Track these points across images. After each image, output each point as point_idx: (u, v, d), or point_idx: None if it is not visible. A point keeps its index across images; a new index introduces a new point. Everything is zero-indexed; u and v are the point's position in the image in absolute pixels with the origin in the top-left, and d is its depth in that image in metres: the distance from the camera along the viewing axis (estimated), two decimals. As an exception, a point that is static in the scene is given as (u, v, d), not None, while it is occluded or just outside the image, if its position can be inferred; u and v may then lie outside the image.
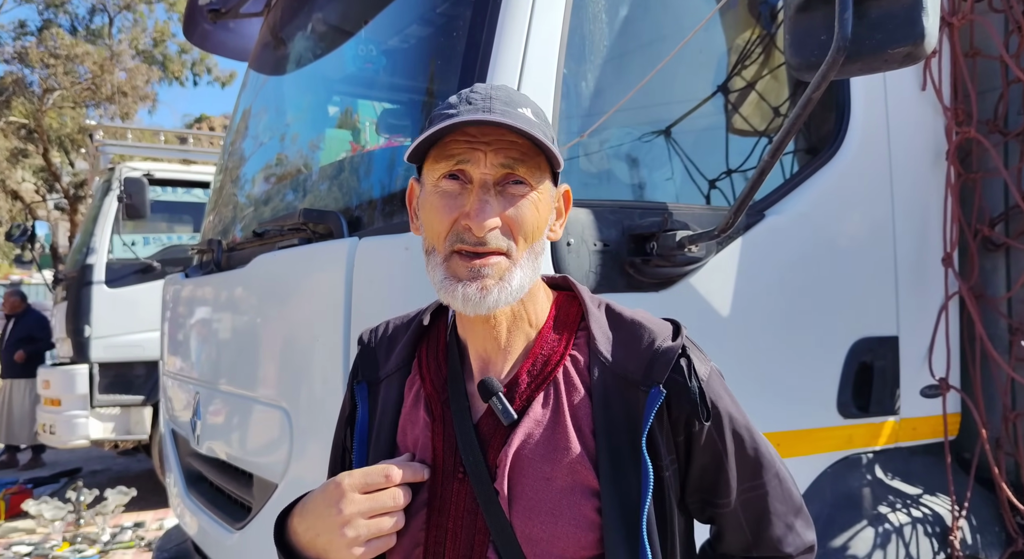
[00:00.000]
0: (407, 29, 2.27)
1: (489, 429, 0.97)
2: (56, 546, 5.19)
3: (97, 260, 6.44)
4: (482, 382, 0.96)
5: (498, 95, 0.94)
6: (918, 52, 1.33)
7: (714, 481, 1.00)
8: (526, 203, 0.92)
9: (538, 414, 0.96)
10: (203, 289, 2.59)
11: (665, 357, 0.95)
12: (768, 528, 1.04)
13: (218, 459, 2.35)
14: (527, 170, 0.92)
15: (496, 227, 0.91)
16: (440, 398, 1.01)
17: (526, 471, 0.94)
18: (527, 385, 0.97)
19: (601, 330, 0.99)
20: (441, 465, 0.98)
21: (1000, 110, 2.22)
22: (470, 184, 0.92)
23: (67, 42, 16.38)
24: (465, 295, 0.90)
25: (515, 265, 0.92)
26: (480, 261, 0.91)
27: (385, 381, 1.06)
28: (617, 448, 0.93)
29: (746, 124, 2.07)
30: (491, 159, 0.91)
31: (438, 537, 0.96)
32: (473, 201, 0.91)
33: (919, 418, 2.17)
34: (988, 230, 2.21)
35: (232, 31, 3.17)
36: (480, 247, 0.91)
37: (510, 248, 0.92)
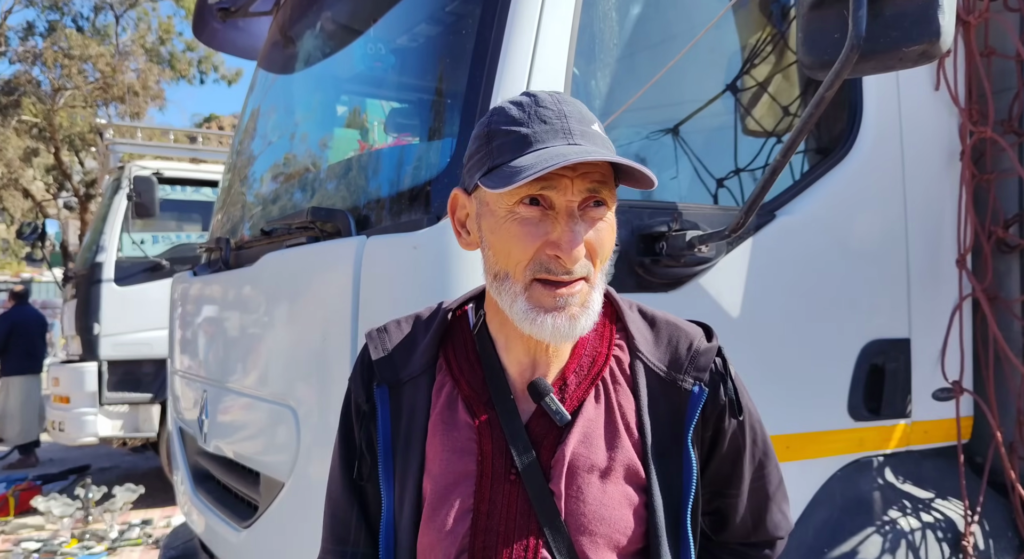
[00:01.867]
0: (416, 28, 2.26)
1: (540, 430, 0.97)
2: (65, 543, 5.21)
3: (107, 258, 6.47)
4: (532, 384, 0.96)
5: (571, 112, 0.91)
6: (933, 50, 1.31)
7: (729, 473, 1.05)
8: (605, 227, 0.92)
9: (591, 414, 0.97)
10: (211, 287, 2.60)
11: (705, 357, 1.00)
12: (767, 514, 1.11)
13: (225, 457, 2.35)
14: (608, 192, 0.91)
15: (584, 255, 0.90)
16: (481, 399, 0.99)
17: (582, 471, 0.95)
18: (576, 385, 0.98)
19: (639, 331, 1.02)
20: (491, 468, 0.96)
21: (1015, 110, 2.19)
22: (551, 210, 0.89)
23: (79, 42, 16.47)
24: (555, 326, 0.89)
25: (593, 289, 0.92)
26: (566, 290, 0.89)
27: (409, 383, 1.02)
28: (662, 444, 0.97)
29: (757, 124, 2.06)
30: (577, 185, 0.88)
31: (488, 541, 0.94)
32: (563, 230, 0.88)
33: (931, 421, 2.14)
34: (1002, 232, 2.19)
35: (241, 30, 3.17)
36: (566, 276, 0.89)
37: (590, 272, 0.91)
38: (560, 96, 0.94)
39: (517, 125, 0.90)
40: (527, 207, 0.89)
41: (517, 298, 0.91)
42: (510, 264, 0.91)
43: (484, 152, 0.92)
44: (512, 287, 0.91)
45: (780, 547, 1.15)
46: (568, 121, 0.90)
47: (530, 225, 0.89)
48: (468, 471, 0.96)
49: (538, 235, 0.89)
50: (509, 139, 0.89)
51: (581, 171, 0.88)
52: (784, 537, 1.13)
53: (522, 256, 0.90)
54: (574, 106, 0.93)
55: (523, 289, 0.91)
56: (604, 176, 0.90)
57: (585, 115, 0.93)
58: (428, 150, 1.91)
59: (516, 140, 0.89)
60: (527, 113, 0.90)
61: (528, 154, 0.87)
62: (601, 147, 0.90)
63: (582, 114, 0.92)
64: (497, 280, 0.93)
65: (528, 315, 0.90)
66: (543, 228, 0.89)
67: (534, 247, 0.89)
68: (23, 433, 8.07)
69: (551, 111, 0.90)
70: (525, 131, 0.89)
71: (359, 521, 1.06)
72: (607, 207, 0.92)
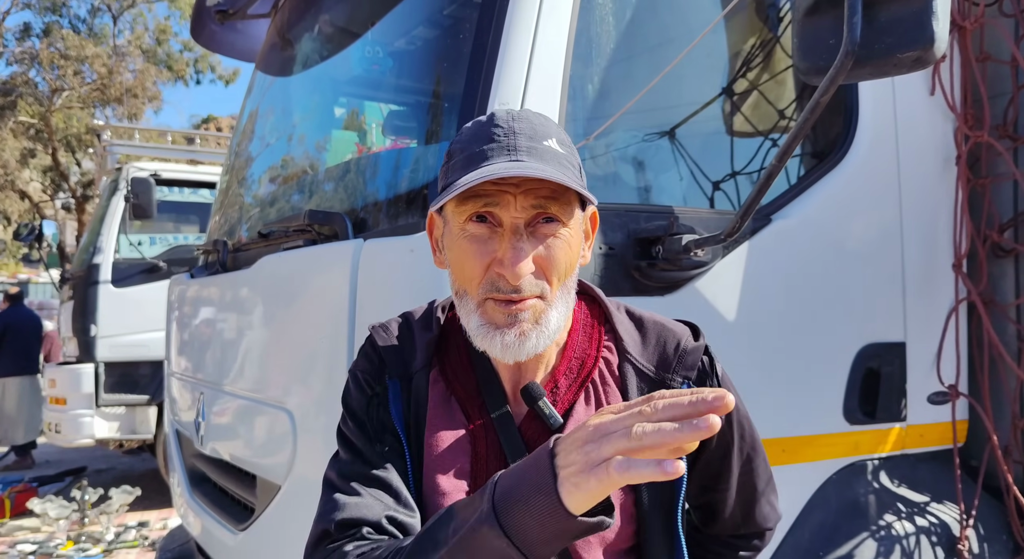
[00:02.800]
0: (414, 31, 2.27)
1: (533, 433, 0.98)
2: (60, 545, 5.20)
3: (104, 260, 6.47)
4: (525, 388, 0.97)
5: (521, 128, 0.91)
6: (928, 57, 1.32)
7: (718, 469, 1.06)
8: (558, 243, 0.91)
9: (582, 415, 0.98)
10: (208, 290, 2.60)
11: (692, 356, 1.01)
12: (755, 507, 1.12)
13: (222, 460, 2.35)
14: (559, 207, 0.90)
15: (530, 272, 0.89)
16: (475, 403, 1.01)
17: None
18: (567, 388, 0.99)
19: (627, 332, 1.03)
20: (485, 470, 0.97)
21: (1010, 115, 2.20)
22: (500, 228, 0.90)
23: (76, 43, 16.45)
24: (504, 343, 0.90)
25: (550, 306, 0.92)
26: (516, 307, 0.90)
27: (415, 377, 1.04)
28: None
29: (753, 128, 2.06)
30: (521, 202, 0.89)
31: None
32: (506, 248, 0.89)
33: (926, 425, 2.15)
34: (997, 236, 2.20)
35: (239, 32, 3.17)
36: (515, 294, 0.89)
37: (544, 290, 0.91)
38: (518, 113, 0.94)
39: (469, 143, 0.92)
40: (475, 224, 0.91)
41: (472, 315, 0.93)
42: (465, 281, 0.93)
43: (444, 171, 0.95)
44: (468, 304, 0.93)
45: (769, 537, 1.17)
46: (516, 138, 0.90)
47: (479, 243, 0.90)
48: (463, 470, 0.98)
49: (487, 253, 0.90)
50: (461, 157, 0.91)
51: (525, 188, 0.88)
52: (773, 528, 1.16)
53: (473, 274, 0.91)
54: (527, 123, 0.93)
55: (476, 306, 0.92)
56: (553, 192, 0.90)
57: (539, 131, 0.92)
58: (425, 153, 1.91)
59: (466, 158, 0.90)
60: (481, 132, 0.92)
61: (471, 172, 0.88)
62: (551, 163, 0.89)
63: (535, 130, 0.92)
64: (457, 297, 0.96)
65: (480, 331, 0.92)
66: (491, 246, 0.90)
67: (483, 264, 0.90)
68: (19, 434, 8.05)
69: (502, 129, 0.91)
70: (475, 149, 0.90)
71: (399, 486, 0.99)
72: (560, 223, 0.91)
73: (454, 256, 0.94)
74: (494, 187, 0.88)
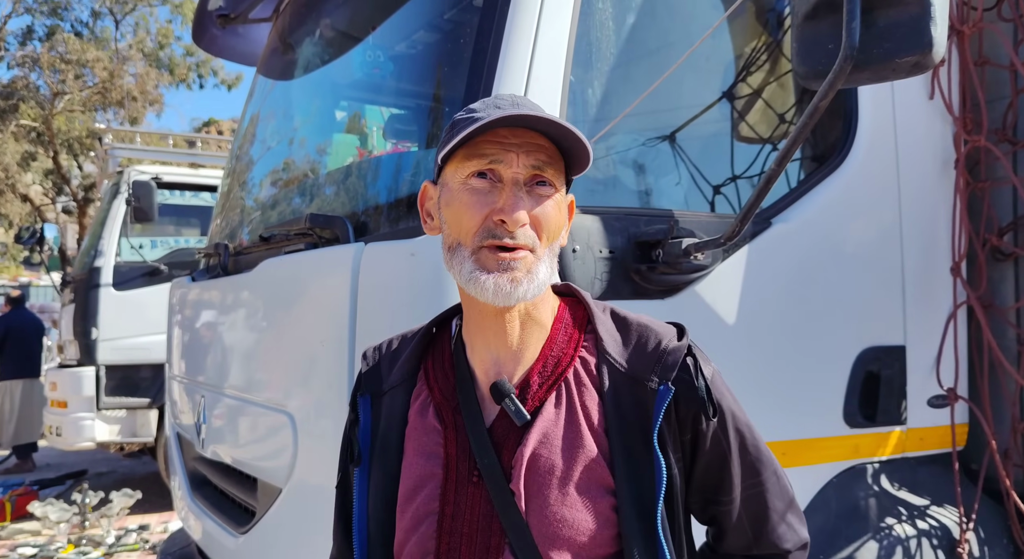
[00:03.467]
0: (415, 35, 2.28)
1: (503, 431, 0.98)
2: (61, 548, 5.20)
3: (105, 263, 6.47)
4: (494, 384, 0.98)
5: (524, 102, 0.98)
6: (926, 61, 1.33)
7: (718, 479, 1.03)
8: (551, 203, 0.97)
9: (551, 414, 0.98)
10: (209, 293, 2.60)
11: (673, 356, 0.99)
12: (767, 525, 1.06)
13: (223, 463, 2.35)
14: (553, 172, 0.97)
15: (526, 223, 0.94)
16: (450, 405, 1.02)
17: (541, 471, 0.95)
18: (539, 386, 0.99)
19: (608, 332, 1.03)
20: (455, 470, 0.99)
21: (1009, 119, 2.21)
22: (500, 183, 0.95)
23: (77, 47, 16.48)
24: (497, 285, 0.93)
25: (539, 261, 0.96)
26: (510, 255, 0.94)
27: (389, 393, 1.07)
28: (630, 446, 0.96)
29: (753, 132, 2.07)
30: (523, 160, 0.95)
31: (452, 543, 0.96)
32: (507, 197, 0.94)
33: (926, 428, 2.15)
34: (997, 240, 2.20)
35: (241, 36, 3.18)
36: (511, 241, 0.94)
37: (535, 244, 0.95)
38: (523, 97, 1.02)
39: (474, 112, 0.97)
40: (477, 179, 0.96)
41: (465, 262, 0.96)
42: (461, 232, 0.96)
43: (446, 139, 0.99)
44: (462, 252, 0.96)
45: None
46: (519, 107, 0.96)
47: (480, 194, 0.95)
48: (434, 473, 0.99)
49: (486, 204, 0.95)
50: (464, 122, 0.96)
51: (527, 149, 0.95)
52: (793, 550, 1.07)
53: (471, 224, 0.95)
54: (531, 101, 1.00)
55: (471, 253, 0.96)
56: (550, 158, 0.97)
57: (539, 107, 0.98)
58: (426, 157, 1.92)
59: (470, 120, 0.95)
60: (487, 104, 0.98)
61: (479, 124, 0.93)
62: (561, 122, 0.95)
63: (538, 107, 0.98)
64: (451, 252, 0.99)
65: (472, 276, 0.95)
66: (491, 198, 0.95)
67: (482, 214, 0.95)
68: (20, 437, 8.05)
69: (506, 100, 0.98)
70: (479, 115, 0.95)
71: (337, 520, 1.14)
72: (552, 187, 0.97)
73: (452, 211, 0.98)
74: (498, 147, 0.94)
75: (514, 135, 0.95)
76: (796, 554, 1.09)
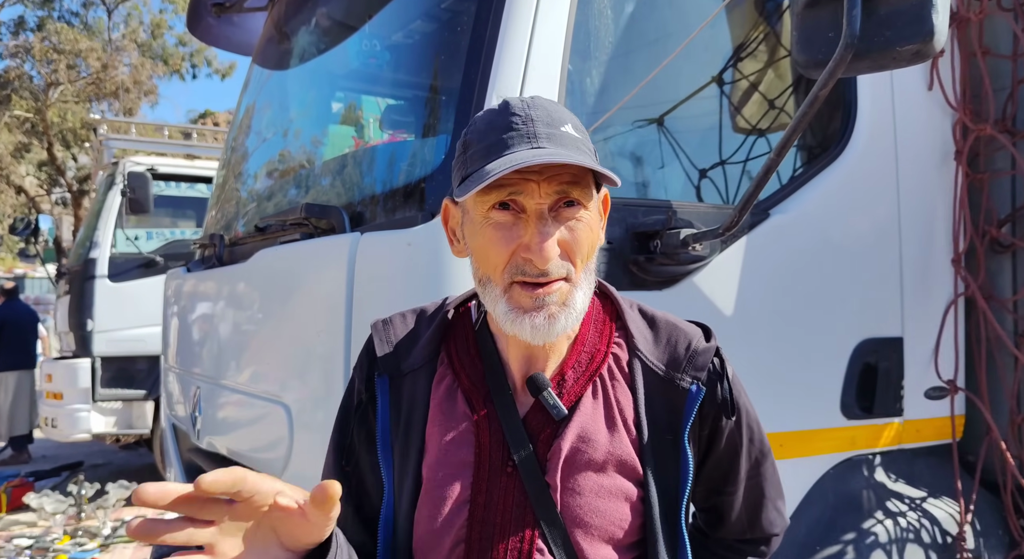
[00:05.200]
0: (411, 25, 2.26)
1: (538, 423, 0.98)
2: (57, 539, 5.20)
3: (100, 254, 6.45)
4: (531, 378, 0.98)
5: (538, 115, 0.92)
6: (927, 50, 1.32)
7: (727, 471, 1.06)
8: (581, 226, 0.92)
9: (588, 408, 0.98)
10: (205, 284, 2.59)
11: (703, 357, 1.01)
12: (762, 512, 1.12)
13: (219, 454, 2.34)
14: (580, 191, 0.91)
15: (556, 255, 0.90)
16: (480, 393, 1.01)
17: (578, 464, 0.96)
18: (574, 381, 0.99)
19: (639, 329, 1.04)
20: (488, 460, 0.98)
21: (1009, 109, 2.20)
22: (523, 213, 0.91)
23: (70, 37, 16.38)
24: (534, 325, 0.91)
25: (576, 287, 0.93)
26: (543, 290, 0.91)
27: (410, 375, 1.04)
28: (659, 441, 0.98)
29: (751, 122, 2.06)
30: (544, 188, 0.89)
31: (484, 532, 0.96)
32: (533, 233, 0.89)
33: (923, 420, 2.15)
34: (996, 231, 2.20)
35: (236, 25, 3.16)
36: (542, 278, 0.90)
37: (569, 272, 0.92)
38: (532, 100, 0.95)
39: (487, 132, 0.92)
40: (499, 212, 0.91)
41: (498, 301, 0.93)
42: (489, 268, 0.93)
43: (461, 161, 0.95)
44: (494, 290, 0.94)
45: (775, 543, 1.17)
46: (535, 125, 0.91)
47: (504, 229, 0.91)
48: (466, 461, 0.98)
49: (512, 239, 0.91)
50: (480, 147, 0.92)
51: (548, 174, 0.89)
52: (780, 534, 1.16)
53: (498, 260, 0.92)
54: (543, 110, 0.93)
55: (503, 292, 0.93)
56: (575, 176, 0.91)
57: (555, 117, 0.93)
58: (423, 147, 1.91)
59: (485, 147, 0.91)
60: (497, 120, 0.93)
61: (493, 160, 0.89)
62: (570, 148, 0.90)
63: (551, 117, 0.93)
64: (481, 285, 0.96)
65: (508, 316, 0.92)
66: (516, 232, 0.91)
67: (508, 251, 0.91)
68: (15, 428, 8.04)
69: (519, 117, 0.92)
70: (493, 139, 0.91)
71: (345, 505, 1.05)
72: (581, 206, 0.92)
73: (477, 244, 0.94)
74: (517, 176, 0.88)
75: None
76: (779, 536, 1.17)
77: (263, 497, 0.76)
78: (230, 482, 0.71)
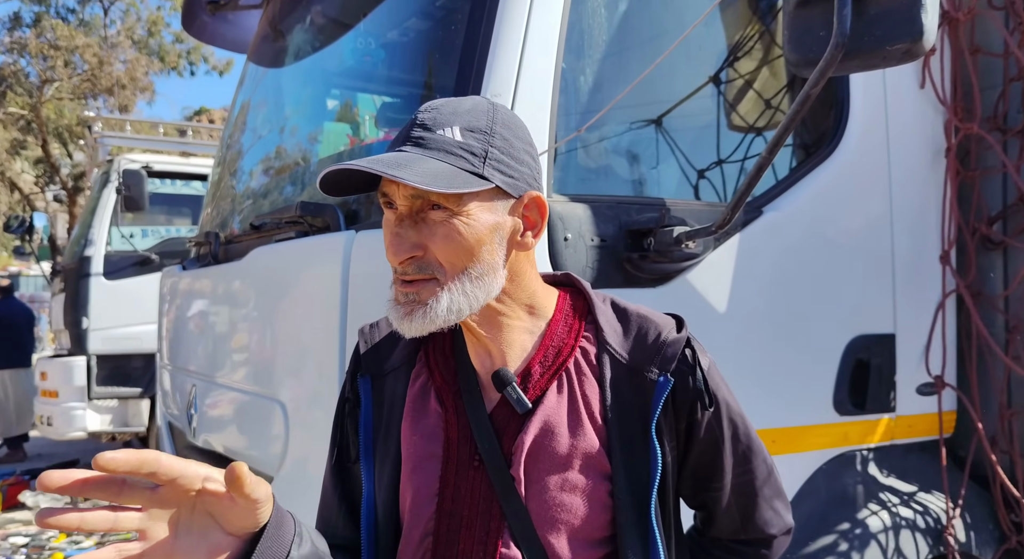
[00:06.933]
0: (406, 22, 2.26)
1: (503, 418, 0.99)
2: (53, 537, 5.20)
3: (95, 252, 6.44)
4: (496, 373, 0.99)
5: (427, 118, 0.92)
6: (917, 49, 1.33)
7: (711, 467, 1.05)
8: (444, 231, 0.91)
9: (552, 402, 0.99)
10: (200, 282, 2.59)
11: (673, 348, 1.00)
12: (756, 511, 1.10)
13: (215, 452, 2.35)
14: (441, 196, 0.90)
15: (411, 256, 0.92)
16: (451, 389, 1.02)
17: (542, 457, 0.97)
18: (540, 375, 1.00)
19: (609, 323, 1.03)
20: (456, 454, 0.99)
21: (1000, 108, 2.21)
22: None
23: (65, 33, 16.31)
24: (396, 318, 0.94)
25: (442, 289, 0.92)
26: (407, 287, 0.94)
27: (391, 375, 1.06)
28: (628, 434, 0.98)
29: (744, 120, 2.07)
30: (403, 191, 0.91)
31: (452, 525, 0.98)
32: (388, 234, 0.94)
33: (915, 415, 2.17)
34: (986, 228, 2.21)
35: (231, 23, 3.15)
36: (405, 276, 0.93)
37: (436, 273, 0.93)
38: (447, 100, 0.95)
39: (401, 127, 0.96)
40: (388, 210, 0.95)
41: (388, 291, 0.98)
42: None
43: None
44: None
45: (779, 546, 1.13)
46: (412, 128, 0.92)
47: (388, 227, 0.95)
48: (434, 455, 1.00)
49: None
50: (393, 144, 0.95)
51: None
52: (778, 535, 1.12)
53: (387, 256, 0.95)
54: (437, 112, 0.93)
55: (391, 284, 0.97)
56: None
57: (441, 120, 0.92)
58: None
59: (391, 142, 0.95)
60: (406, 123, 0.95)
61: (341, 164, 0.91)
62: (434, 151, 0.89)
63: (436, 120, 0.92)
64: None
65: (388, 306, 0.96)
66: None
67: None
68: (13, 428, 8.03)
69: (416, 116, 0.94)
70: (398, 134, 0.95)
71: (340, 503, 1.10)
72: (446, 210, 0.91)
73: None
74: (386, 178, 0.91)
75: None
76: (781, 539, 1.13)
77: (188, 481, 0.76)
78: (136, 462, 0.72)
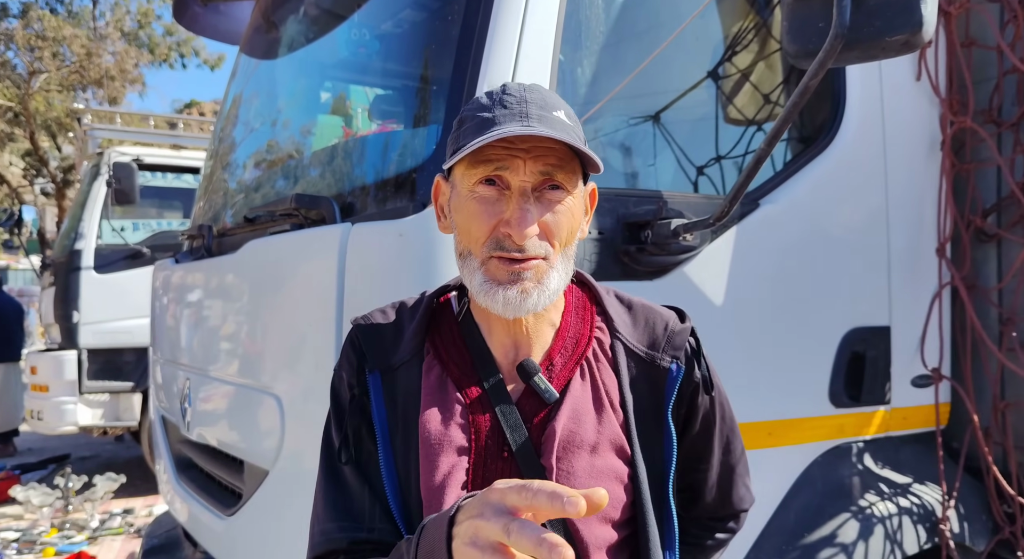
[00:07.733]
0: (401, 14, 2.24)
1: (530, 408, 1.00)
2: (44, 532, 5.17)
3: (86, 246, 6.39)
4: (521, 364, 1.00)
5: (533, 98, 0.95)
6: (915, 40, 1.33)
7: (702, 449, 1.11)
8: (563, 209, 0.94)
9: (578, 391, 1.01)
10: (193, 275, 2.57)
11: (681, 336, 1.05)
12: (732, 489, 1.17)
13: (209, 445, 2.34)
14: (564, 176, 0.94)
15: (534, 235, 0.93)
16: (471, 381, 1.02)
17: (571, 446, 0.99)
18: (562, 365, 1.02)
19: (618, 314, 1.07)
20: (483, 446, 0.99)
21: (995, 100, 2.22)
22: (508, 190, 0.93)
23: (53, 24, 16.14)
24: (506, 299, 0.93)
25: (552, 268, 0.95)
26: (520, 266, 0.93)
27: (402, 368, 1.04)
28: (644, 420, 1.02)
29: (742, 113, 2.06)
30: (530, 167, 0.92)
31: None
32: (514, 209, 0.92)
33: (910, 407, 2.18)
34: (981, 221, 2.22)
35: (223, 14, 3.13)
36: (519, 253, 0.92)
37: (548, 253, 0.94)
38: (529, 85, 0.98)
39: (481, 111, 0.95)
40: (484, 186, 0.93)
41: (475, 272, 0.96)
42: (471, 242, 0.96)
43: (454, 136, 0.98)
44: (472, 263, 0.96)
45: (743, 519, 1.22)
46: (527, 106, 0.93)
47: (487, 204, 0.94)
48: (460, 447, 0.99)
49: (494, 213, 0.93)
50: (473, 123, 0.94)
51: (535, 154, 0.92)
52: (748, 509, 1.21)
53: (479, 234, 0.94)
54: (538, 93, 0.96)
55: (480, 264, 0.95)
56: (560, 160, 0.93)
57: (549, 102, 0.95)
58: (413, 137, 1.90)
59: (478, 123, 0.93)
60: (493, 100, 0.95)
61: (484, 135, 0.91)
62: (559, 131, 0.92)
63: (545, 101, 0.95)
64: (462, 259, 0.98)
65: (483, 287, 0.95)
66: (499, 207, 0.93)
67: (490, 225, 0.93)
68: (2, 423, 7.98)
69: (514, 97, 0.94)
70: (487, 115, 0.93)
71: (372, 498, 1.03)
72: (564, 191, 0.94)
73: (461, 218, 0.96)
74: (505, 152, 0.91)
75: (522, 139, 0.91)
76: (747, 513, 1.22)
77: None
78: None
